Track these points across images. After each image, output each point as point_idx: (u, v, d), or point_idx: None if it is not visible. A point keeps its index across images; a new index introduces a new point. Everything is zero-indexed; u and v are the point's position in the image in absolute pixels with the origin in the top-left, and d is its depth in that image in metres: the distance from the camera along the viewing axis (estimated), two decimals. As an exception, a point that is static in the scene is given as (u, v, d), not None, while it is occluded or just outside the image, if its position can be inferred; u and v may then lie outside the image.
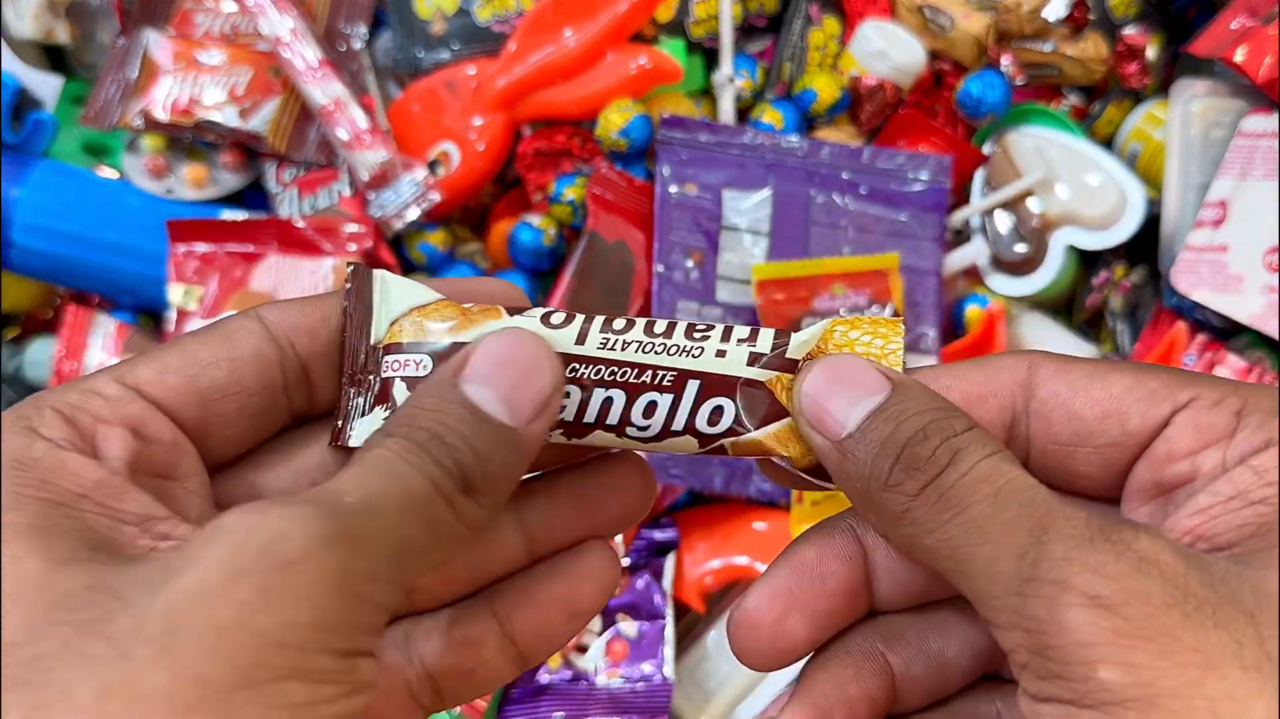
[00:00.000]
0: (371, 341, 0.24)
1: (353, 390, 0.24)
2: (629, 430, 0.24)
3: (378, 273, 0.25)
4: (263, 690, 0.17)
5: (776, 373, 0.24)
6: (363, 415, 0.24)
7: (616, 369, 0.24)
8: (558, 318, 0.24)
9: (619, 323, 0.24)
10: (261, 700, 0.17)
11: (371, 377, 0.24)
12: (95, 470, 0.20)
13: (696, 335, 0.24)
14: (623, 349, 0.24)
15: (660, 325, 0.24)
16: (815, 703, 0.23)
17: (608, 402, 0.24)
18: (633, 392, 0.24)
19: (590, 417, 0.24)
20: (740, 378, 0.24)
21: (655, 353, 0.24)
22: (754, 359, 0.24)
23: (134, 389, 0.22)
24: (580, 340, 0.24)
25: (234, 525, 0.18)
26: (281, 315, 0.24)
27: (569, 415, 0.24)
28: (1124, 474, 0.22)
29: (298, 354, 0.23)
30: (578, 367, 0.24)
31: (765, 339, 0.24)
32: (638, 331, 0.24)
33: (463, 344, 0.24)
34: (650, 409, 0.24)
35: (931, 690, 0.24)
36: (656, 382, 0.24)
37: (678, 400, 0.24)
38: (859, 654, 0.24)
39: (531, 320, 0.24)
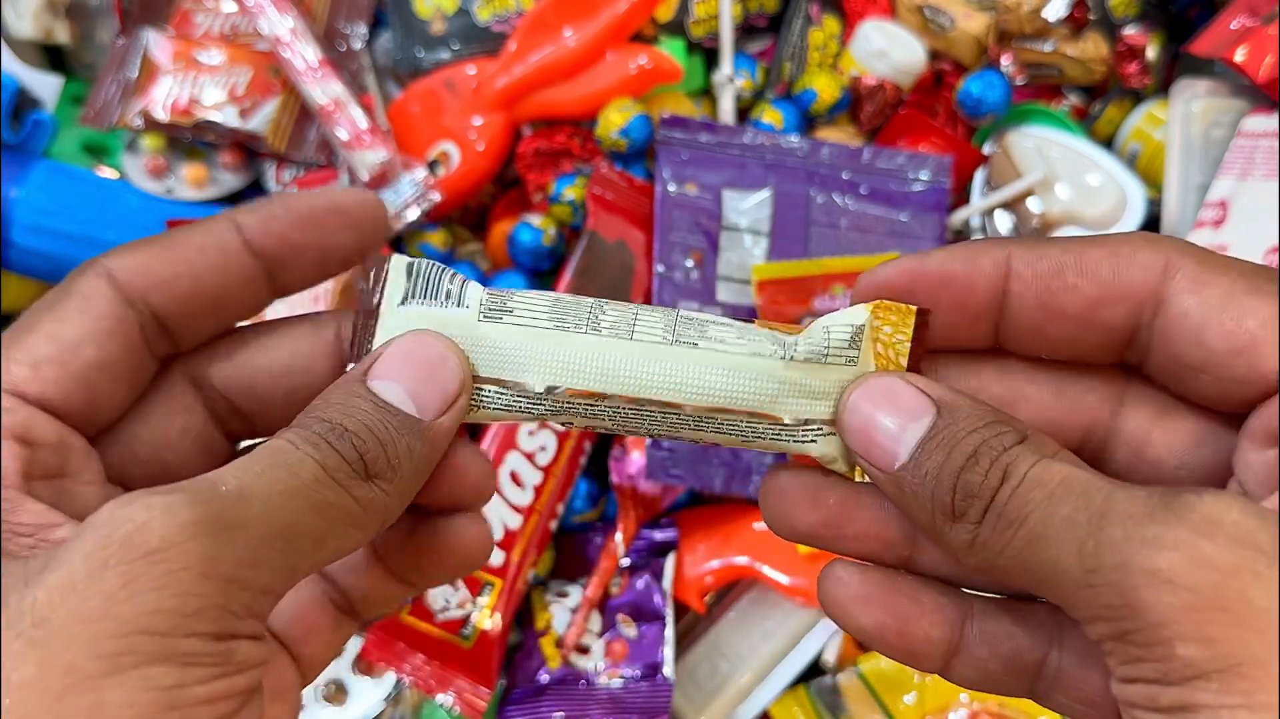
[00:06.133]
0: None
1: None
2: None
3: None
4: (129, 675, 0.17)
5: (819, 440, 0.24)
6: None
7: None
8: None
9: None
10: (128, 685, 0.17)
11: None
12: None
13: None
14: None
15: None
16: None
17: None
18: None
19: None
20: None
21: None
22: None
23: (16, 394, 0.22)
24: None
25: (103, 520, 0.18)
26: (131, 270, 0.23)
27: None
28: (1246, 405, 0.21)
29: (154, 312, 0.23)
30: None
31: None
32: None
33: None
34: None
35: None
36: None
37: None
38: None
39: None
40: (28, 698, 0.17)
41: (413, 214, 0.64)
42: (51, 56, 0.72)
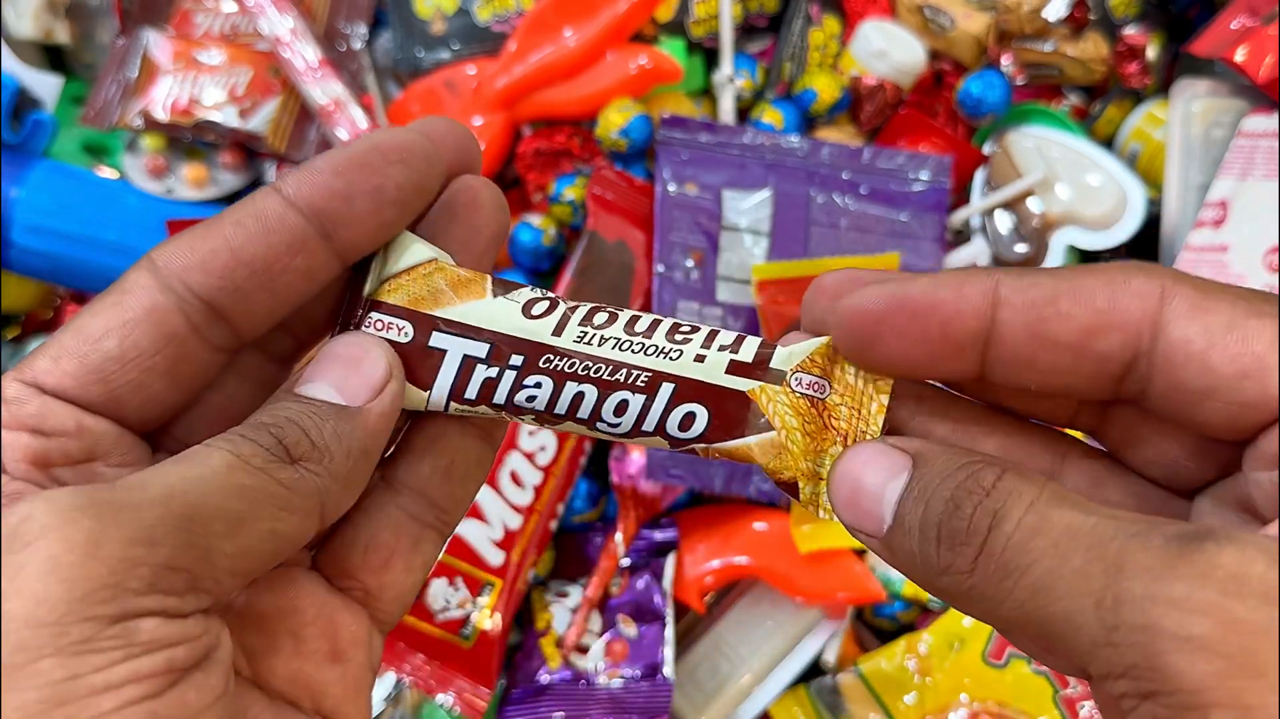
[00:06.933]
0: (365, 292, 0.25)
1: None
2: (599, 425, 0.24)
3: None
4: (19, 675, 0.17)
5: (759, 383, 0.24)
6: None
7: (590, 364, 0.24)
8: (539, 308, 0.24)
9: (601, 317, 0.24)
10: (19, 685, 0.17)
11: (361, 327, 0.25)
12: None
13: (678, 337, 0.24)
14: (599, 344, 0.24)
15: (643, 323, 0.24)
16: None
17: (579, 396, 0.24)
18: (605, 388, 0.24)
19: (561, 408, 0.24)
20: (716, 385, 0.24)
21: (632, 352, 0.24)
22: (734, 368, 0.24)
23: (32, 385, 0.21)
24: (557, 332, 0.24)
25: None
26: (170, 257, 0.22)
27: (540, 405, 0.24)
28: (1253, 431, 0.21)
29: (195, 294, 0.22)
30: (551, 358, 0.24)
31: (749, 348, 0.24)
32: (618, 328, 0.24)
33: (442, 319, 0.24)
34: (621, 408, 0.24)
35: None
36: (630, 381, 0.24)
37: (650, 402, 0.24)
38: None
39: (513, 305, 0.24)
40: None
41: (413, 214, 0.64)
42: (51, 56, 0.72)
